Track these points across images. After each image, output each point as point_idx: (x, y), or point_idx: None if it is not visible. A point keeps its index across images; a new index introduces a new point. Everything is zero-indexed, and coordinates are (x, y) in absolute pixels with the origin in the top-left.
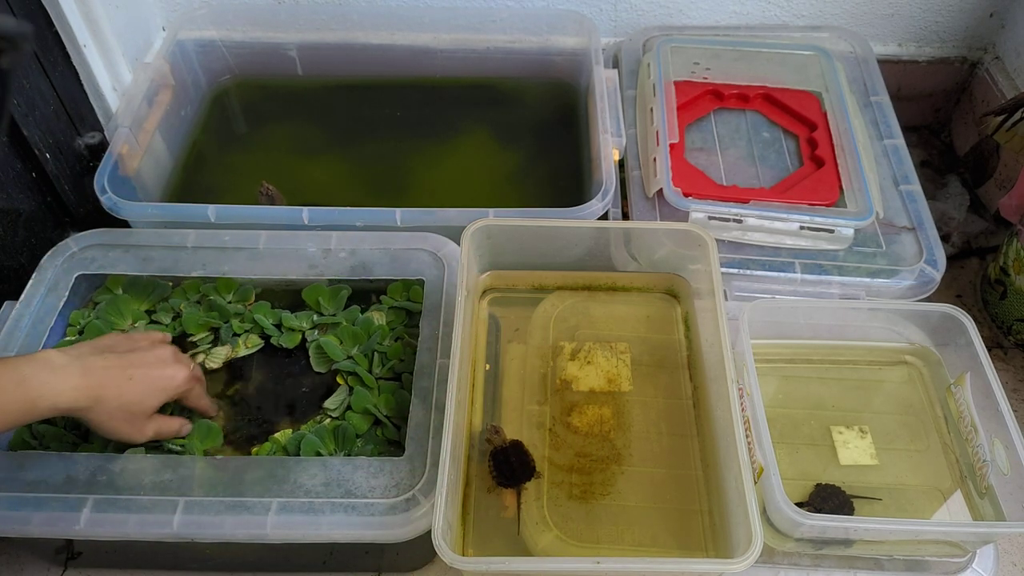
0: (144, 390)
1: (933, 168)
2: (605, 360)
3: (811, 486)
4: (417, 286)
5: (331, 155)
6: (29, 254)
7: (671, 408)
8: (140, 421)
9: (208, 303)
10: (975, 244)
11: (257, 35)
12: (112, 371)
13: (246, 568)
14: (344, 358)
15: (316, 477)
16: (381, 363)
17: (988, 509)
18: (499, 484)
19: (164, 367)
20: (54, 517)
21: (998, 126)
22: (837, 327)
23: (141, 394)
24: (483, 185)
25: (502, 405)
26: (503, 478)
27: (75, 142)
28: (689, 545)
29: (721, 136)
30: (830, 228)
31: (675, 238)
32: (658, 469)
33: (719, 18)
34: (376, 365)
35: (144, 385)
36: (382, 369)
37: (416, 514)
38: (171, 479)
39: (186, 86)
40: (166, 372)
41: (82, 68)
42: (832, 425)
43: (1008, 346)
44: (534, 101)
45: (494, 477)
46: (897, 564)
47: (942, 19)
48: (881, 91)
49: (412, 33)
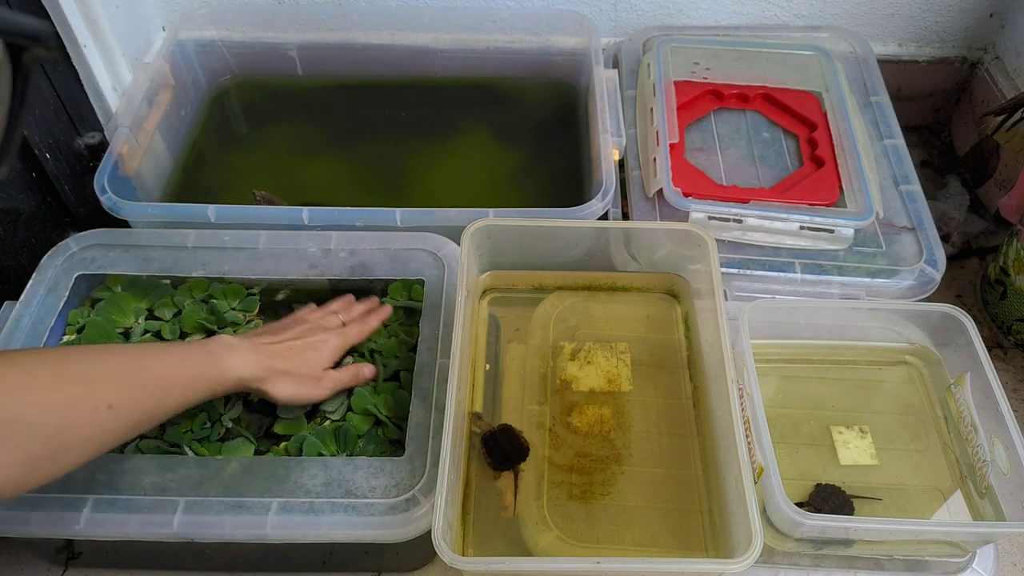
0: (304, 355)
1: (933, 168)
2: (605, 360)
3: (811, 486)
4: (417, 286)
5: (331, 155)
6: (29, 254)
7: (671, 408)
8: (313, 382)
9: (211, 306)
10: (975, 244)
11: (257, 35)
12: (275, 345)
13: (246, 568)
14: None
15: (316, 477)
16: (382, 364)
17: (988, 509)
18: (493, 468)
19: (315, 334)
20: (54, 517)
21: (998, 126)
22: (837, 327)
23: (303, 358)
24: (483, 185)
25: (502, 405)
26: (496, 462)
27: (75, 142)
28: (689, 545)
29: (721, 136)
30: (830, 228)
31: (675, 238)
32: (658, 469)
33: (719, 18)
34: (376, 366)
35: (303, 351)
36: (383, 370)
37: (416, 514)
38: (171, 479)
39: (186, 86)
40: (319, 336)
41: (82, 68)
42: (832, 425)
43: (1008, 346)
44: (534, 101)
45: (488, 463)
46: (897, 564)
47: (942, 19)
48: (881, 91)
49: (412, 33)
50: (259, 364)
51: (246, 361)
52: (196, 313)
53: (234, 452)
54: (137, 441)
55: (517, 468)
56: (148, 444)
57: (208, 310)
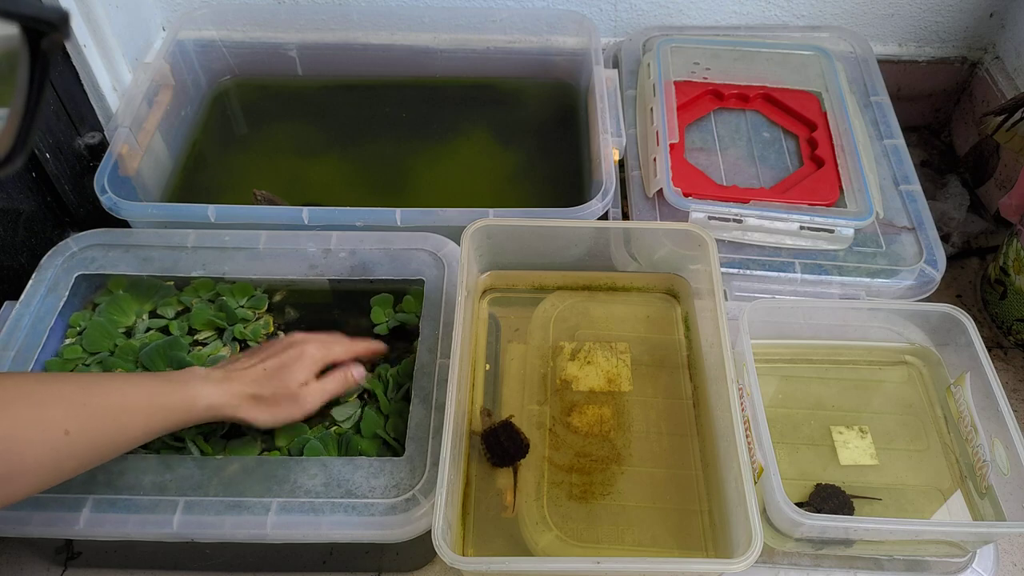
0: (279, 375)
1: (933, 168)
2: (605, 360)
3: (811, 486)
4: (417, 286)
5: (331, 155)
6: (29, 254)
7: (671, 408)
8: (290, 402)
9: (220, 303)
10: (975, 244)
11: (257, 35)
12: (248, 371)
13: (246, 568)
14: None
15: (316, 477)
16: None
17: (988, 509)
18: (493, 464)
19: (290, 347)
20: (54, 517)
21: (998, 126)
22: (837, 327)
23: (278, 379)
24: (483, 185)
25: (502, 405)
26: (496, 458)
27: (75, 142)
28: (689, 545)
29: (721, 136)
30: (830, 228)
31: (675, 238)
32: (658, 469)
33: (719, 18)
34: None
35: (276, 371)
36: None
37: (416, 514)
38: (171, 479)
39: (186, 86)
40: (293, 351)
41: (82, 68)
42: (832, 425)
43: (1008, 346)
44: (534, 101)
45: (488, 459)
46: (897, 564)
47: (942, 19)
48: (881, 91)
49: (412, 33)
50: (229, 392)
51: (215, 390)
52: (205, 311)
53: (240, 450)
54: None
55: (517, 465)
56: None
57: (217, 307)
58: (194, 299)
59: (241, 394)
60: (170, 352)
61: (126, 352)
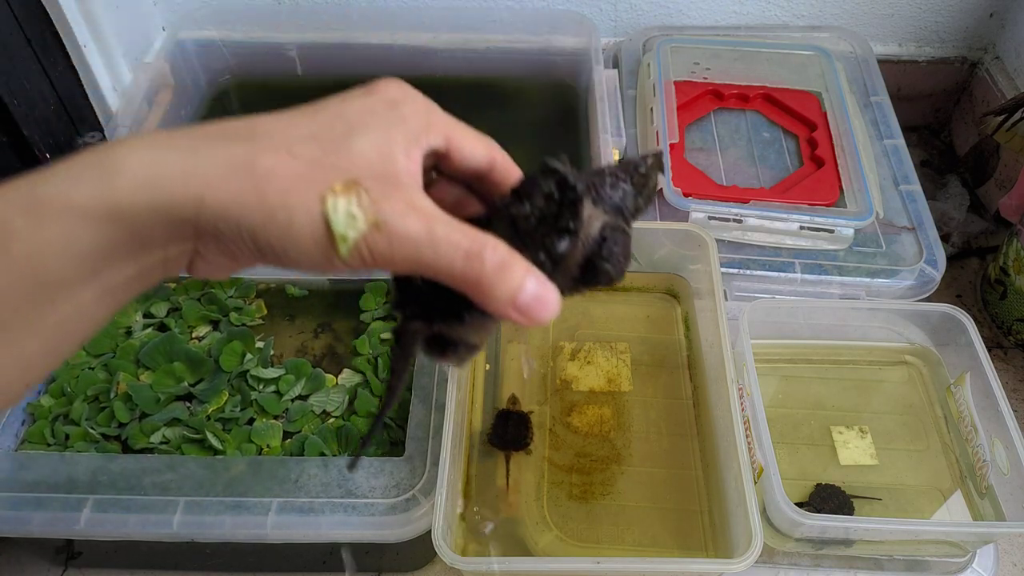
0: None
1: (933, 168)
2: (605, 360)
3: (811, 486)
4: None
5: None
6: None
7: (671, 408)
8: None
9: (209, 296)
10: (975, 244)
11: (257, 35)
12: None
13: (246, 568)
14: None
15: (316, 477)
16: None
17: (988, 509)
18: (490, 443)
19: (369, 95)
20: (54, 517)
21: (998, 126)
22: (837, 327)
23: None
24: None
25: (502, 405)
26: (495, 437)
27: (75, 142)
28: (689, 545)
29: (721, 136)
30: (830, 228)
31: (675, 238)
32: (658, 469)
33: (719, 18)
34: (382, 371)
35: (332, 120)
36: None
37: (416, 514)
38: (171, 479)
39: (186, 86)
40: (372, 99)
41: (82, 68)
42: (832, 425)
43: (1008, 346)
44: (534, 101)
45: (488, 436)
46: (897, 564)
47: (942, 19)
48: (881, 91)
49: (412, 33)
50: (207, 162)
51: (168, 157)
52: (196, 307)
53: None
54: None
55: (508, 454)
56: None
57: (207, 300)
58: (182, 297)
59: (239, 165)
60: (170, 347)
61: (127, 352)
